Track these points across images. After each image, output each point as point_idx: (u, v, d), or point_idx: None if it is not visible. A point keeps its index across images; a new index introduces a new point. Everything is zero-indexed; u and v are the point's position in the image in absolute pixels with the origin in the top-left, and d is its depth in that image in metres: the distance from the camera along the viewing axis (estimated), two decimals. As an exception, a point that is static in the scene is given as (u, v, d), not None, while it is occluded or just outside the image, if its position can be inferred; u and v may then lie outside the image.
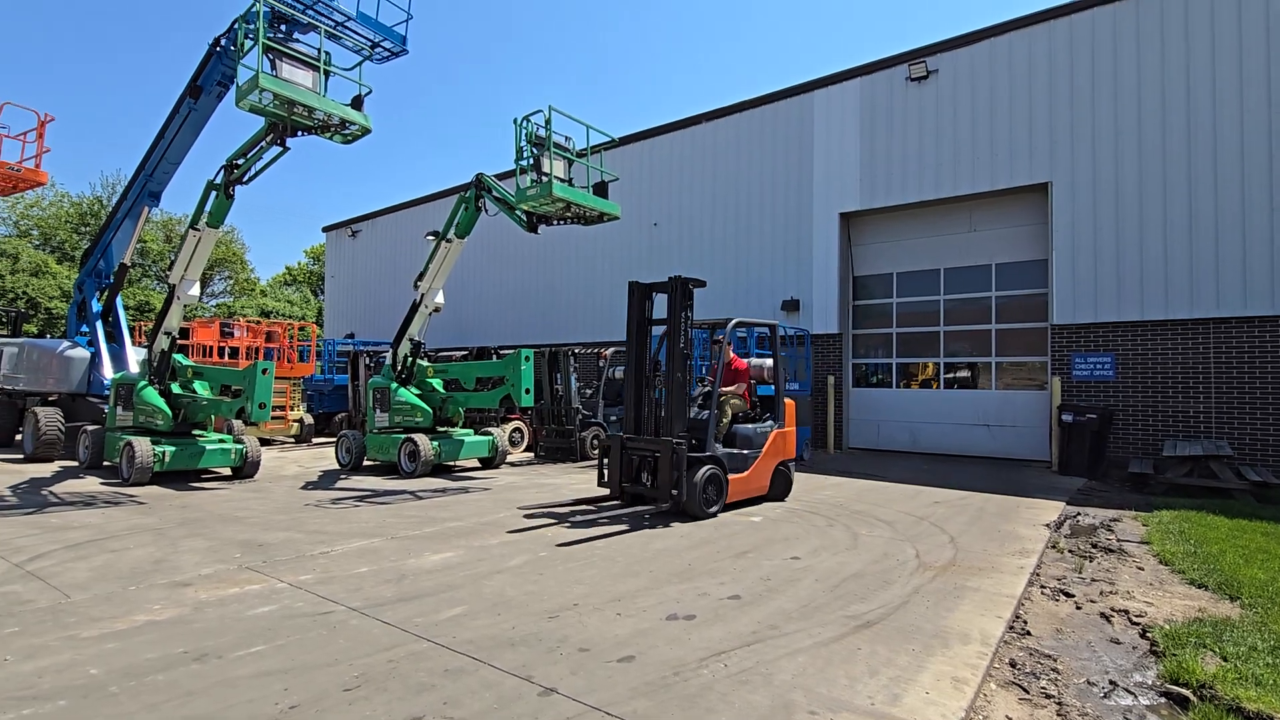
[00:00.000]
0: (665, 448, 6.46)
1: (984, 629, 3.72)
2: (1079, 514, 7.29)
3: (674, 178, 16.44)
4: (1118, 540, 6.08)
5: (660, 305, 7.17)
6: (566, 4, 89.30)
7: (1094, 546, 5.87)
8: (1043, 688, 3.13)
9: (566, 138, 9.72)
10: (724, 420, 7.36)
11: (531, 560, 5.01)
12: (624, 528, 6.16)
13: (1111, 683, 3.20)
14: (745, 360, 8.24)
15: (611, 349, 13.68)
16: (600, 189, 9.86)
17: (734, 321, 7.56)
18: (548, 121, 9.15)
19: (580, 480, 9.36)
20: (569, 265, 18.34)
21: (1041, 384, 11.99)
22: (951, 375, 13.16)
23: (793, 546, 5.56)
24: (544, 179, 9.01)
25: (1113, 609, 4.22)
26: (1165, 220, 10.53)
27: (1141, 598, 4.46)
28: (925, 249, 13.37)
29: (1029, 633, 3.84)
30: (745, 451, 7.27)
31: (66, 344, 11.49)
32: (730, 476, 6.92)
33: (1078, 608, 4.31)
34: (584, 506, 7.05)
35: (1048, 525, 6.64)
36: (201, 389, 9.49)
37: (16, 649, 3.24)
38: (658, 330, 7.39)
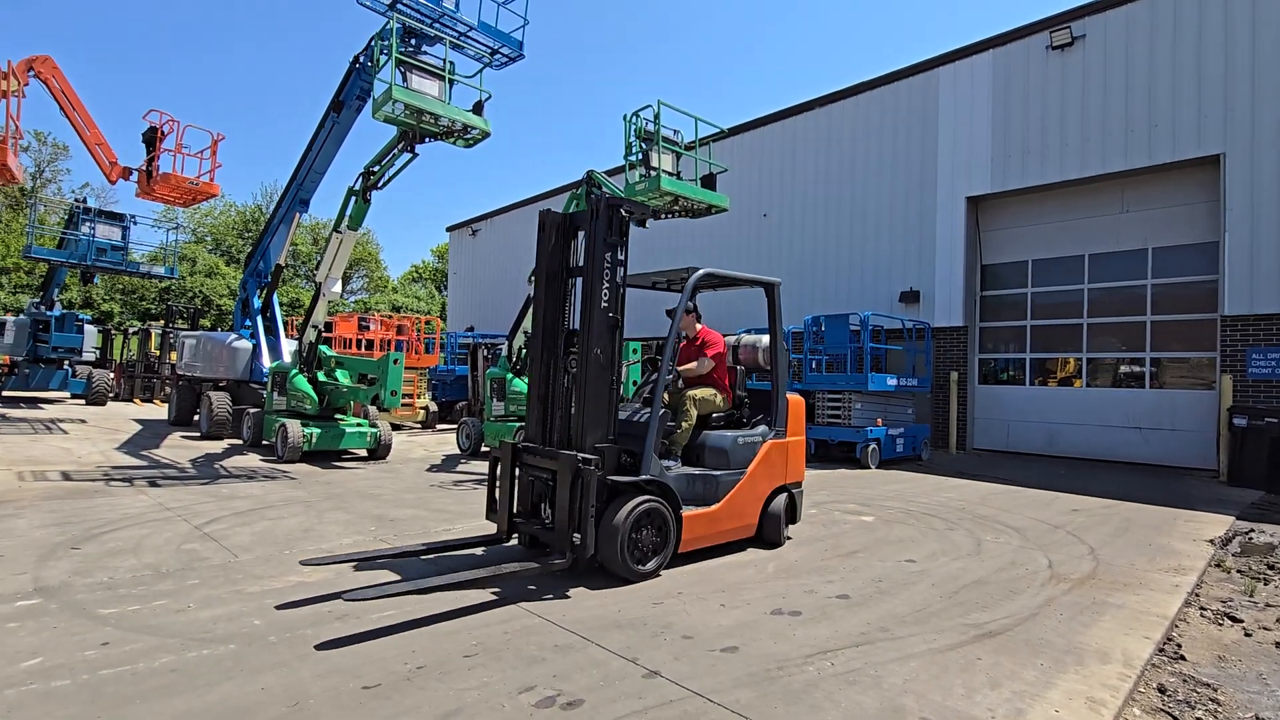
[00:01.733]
0: (564, 467, 4.12)
1: (1127, 649, 3.37)
2: (1252, 531, 6.40)
3: (785, 167, 16.03)
4: (1302, 562, 5.28)
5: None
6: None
7: (1270, 568, 5.14)
8: (1198, 718, 2.79)
9: (675, 131, 9.75)
10: (685, 424, 5.08)
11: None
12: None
13: (1288, 722, 2.80)
14: (725, 336, 5.92)
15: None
16: (709, 181, 9.81)
17: (701, 272, 4.91)
18: (656, 116, 9.23)
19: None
20: (676, 259, 18.40)
21: (1208, 383, 10.62)
22: (1097, 372, 11.96)
23: (907, 549, 5.30)
24: (652, 173, 9.10)
25: (1293, 639, 3.69)
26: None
27: (1332, 629, 3.86)
28: (1067, 233, 12.21)
29: (1183, 657, 3.44)
30: (717, 473, 4.89)
31: (233, 336, 13.01)
32: (689, 512, 4.57)
33: (1247, 634, 3.80)
34: (461, 552, 4.65)
35: (1211, 541, 5.89)
36: (343, 377, 10.44)
37: (197, 599, 3.74)
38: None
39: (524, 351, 11.07)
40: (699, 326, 5.68)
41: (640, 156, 9.33)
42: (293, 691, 2.66)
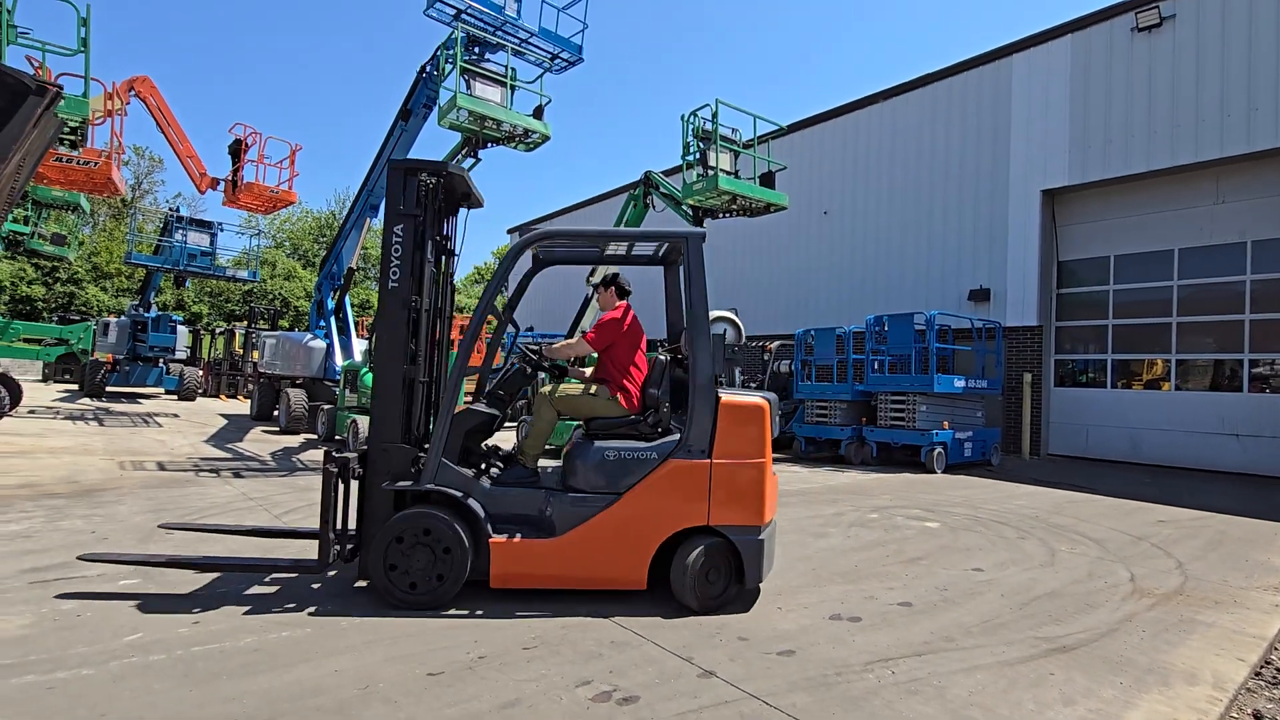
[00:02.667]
0: (325, 468, 3.67)
1: (1218, 670, 3.15)
2: (1367, 549, 5.86)
3: (847, 163, 15.67)
4: None
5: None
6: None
7: (1388, 590, 4.69)
8: (1301, 750, 2.59)
9: (733, 130, 9.70)
10: (536, 428, 4.13)
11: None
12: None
13: (1407, 758, 2.56)
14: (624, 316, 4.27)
15: (777, 343, 13.42)
16: (767, 179, 9.71)
17: (536, 233, 4.15)
18: (714, 115, 9.20)
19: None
20: (734, 257, 18.25)
21: (1315, 387, 9.78)
22: (1187, 374, 11.19)
23: (974, 557, 5.10)
24: (710, 172, 9.07)
25: None
26: None
27: None
28: (1153, 227, 11.48)
29: (1284, 683, 3.19)
30: (580, 494, 3.77)
31: (309, 336, 13.69)
32: (506, 540, 3.65)
33: (1359, 661, 3.48)
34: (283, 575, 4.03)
35: (1319, 559, 5.42)
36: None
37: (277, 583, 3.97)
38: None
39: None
40: (619, 304, 4.34)
41: (698, 156, 9.32)
42: (363, 675, 2.80)
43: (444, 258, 4.38)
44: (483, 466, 4.00)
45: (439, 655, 3.01)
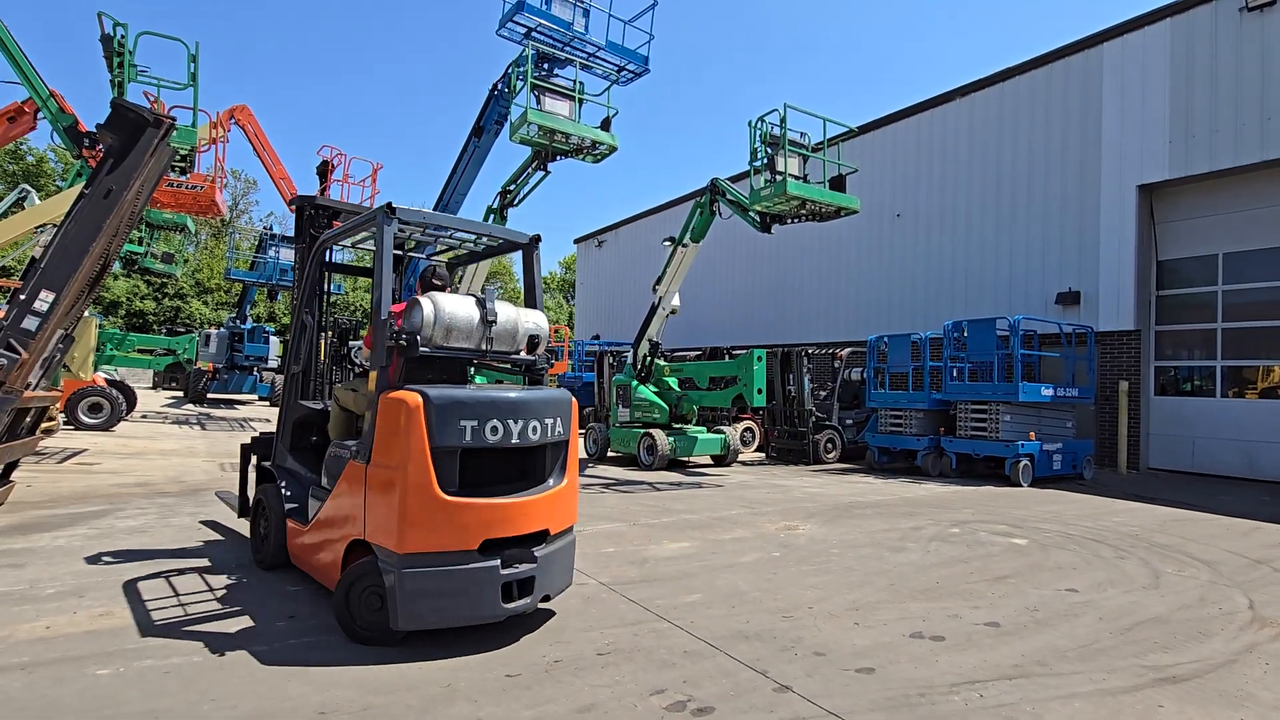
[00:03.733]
0: (242, 445, 4.96)
1: (1360, 712, 2.84)
2: None
3: (921, 164, 15.15)
4: None
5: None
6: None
7: None
8: None
9: (802, 134, 9.54)
10: (338, 408, 4.09)
11: (764, 559, 5.03)
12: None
13: None
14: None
15: (848, 349, 13.09)
16: (837, 183, 9.50)
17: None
18: (782, 120, 9.08)
19: (814, 483, 9.11)
20: (802, 264, 17.93)
21: None
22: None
23: (1068, 577, 4.80)
24: (778, 178, 8.95)
25: None
26: None
27: None
28: (1268, 221, 10.55)
29: None
30: (321, 488, 3.86)
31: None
32: (291, 522, 4.01)
33: None
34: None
35: None
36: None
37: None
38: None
39: (648, 359, 11.28)
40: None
41: (765, 161, 9.22)
42: (444, 674, 2.89)
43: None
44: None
45: (516, 658, 3.08)
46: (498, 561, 3.17)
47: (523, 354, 3.81)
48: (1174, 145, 11.09)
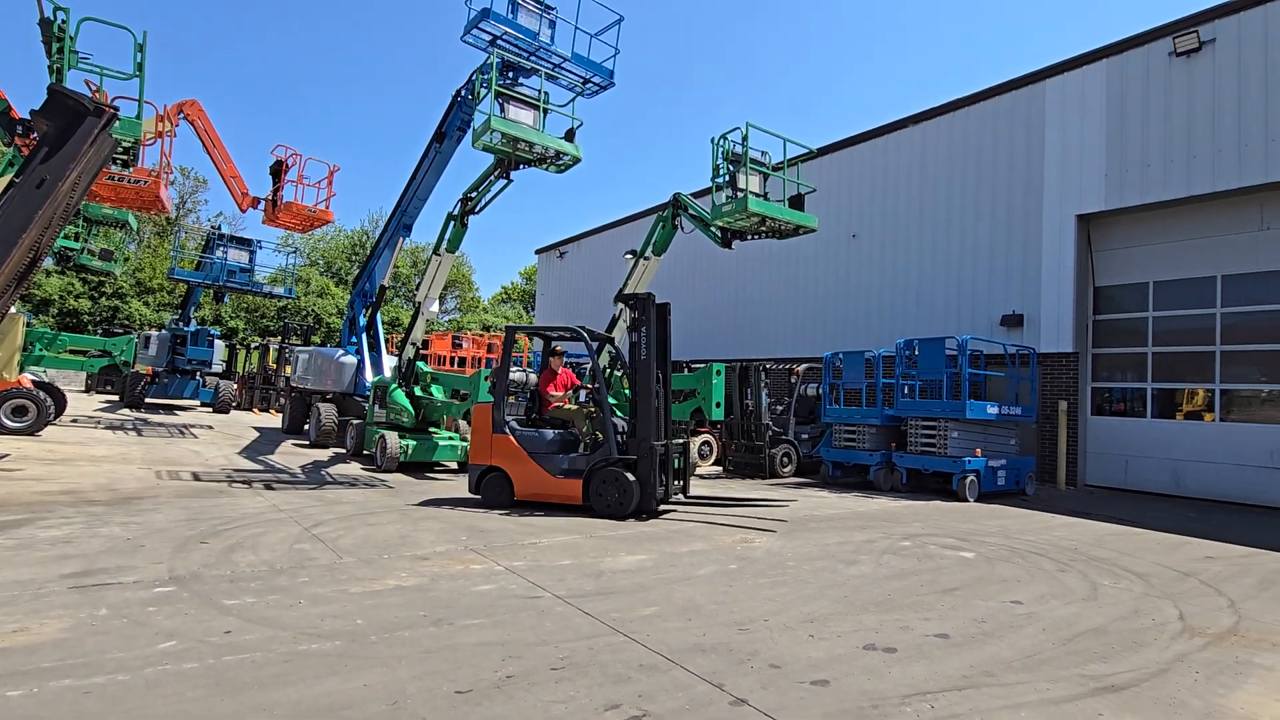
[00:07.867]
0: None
1: (1279, 716, 2.99)
2: None
3: (876, 187, 15.61)
4: None
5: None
6: (765, 16, 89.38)
7: None
8: (1376, 806, 2.42)
9: (763, 152, 9.73)
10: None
11: (720, 571, 5.03)
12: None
13: None
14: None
15: (805, 365, 13.31)
16: (796, 202, 9.71)
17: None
18: (745, 138, 9.24)
19: (769, 495, 9.18)
20: (761, 280, 18.22)
21: (1371, 421, 9.36)
22: (1232, 405, 10.81)
23: (1012, 589, 4.94)
24: (739, 194, 9.10)
25: None
26: None
27: None
28: (1194, 253, 11.20)
29: (1352, 733, 3.00)
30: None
31: (340, 352, 13.93)
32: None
33: None
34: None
35: (1382, 601, 5.14)
36: (437, 392, 10.94)
37: (307, 595, 3.99)
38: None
39: (609, 371, 11.24)
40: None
41: (727, 178, 9.36)
42: (392, 690, 2.78)
43: None
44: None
45: (466, 673, 2.99)
46: None
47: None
48: (1109, 178, 11.71)
